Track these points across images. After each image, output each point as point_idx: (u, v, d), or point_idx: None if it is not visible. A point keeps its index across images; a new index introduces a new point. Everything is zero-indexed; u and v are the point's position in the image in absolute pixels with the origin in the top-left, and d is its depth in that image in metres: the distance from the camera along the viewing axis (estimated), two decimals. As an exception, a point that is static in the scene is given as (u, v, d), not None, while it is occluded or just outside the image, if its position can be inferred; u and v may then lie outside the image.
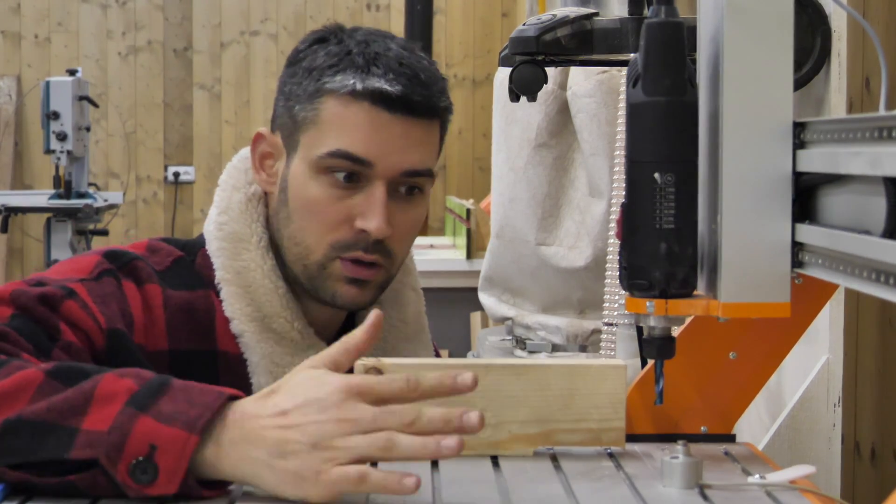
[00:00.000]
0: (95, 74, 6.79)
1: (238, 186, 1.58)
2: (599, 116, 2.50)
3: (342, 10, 6.92)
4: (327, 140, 1.49)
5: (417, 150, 1.50)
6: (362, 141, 1.48)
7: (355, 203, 1.49)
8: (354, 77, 1.48)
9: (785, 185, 1.27)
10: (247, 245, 1.54)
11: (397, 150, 1.49)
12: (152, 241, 1.58)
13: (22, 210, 5.76)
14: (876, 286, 1.11)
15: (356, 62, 1.49)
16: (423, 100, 1.49)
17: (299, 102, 1.52)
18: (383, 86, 1.47)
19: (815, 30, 1.75)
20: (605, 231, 2.52)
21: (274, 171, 1.56)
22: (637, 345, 1.43)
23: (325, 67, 1.51)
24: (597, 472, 1.31)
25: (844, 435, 1.86)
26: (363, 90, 1.48)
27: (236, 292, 1.52)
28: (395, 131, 1.48)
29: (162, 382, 1.20)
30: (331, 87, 1.49)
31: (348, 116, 1.48)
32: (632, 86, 1.31)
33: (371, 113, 1.48)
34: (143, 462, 1.14)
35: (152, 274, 1.52)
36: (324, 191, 1.49)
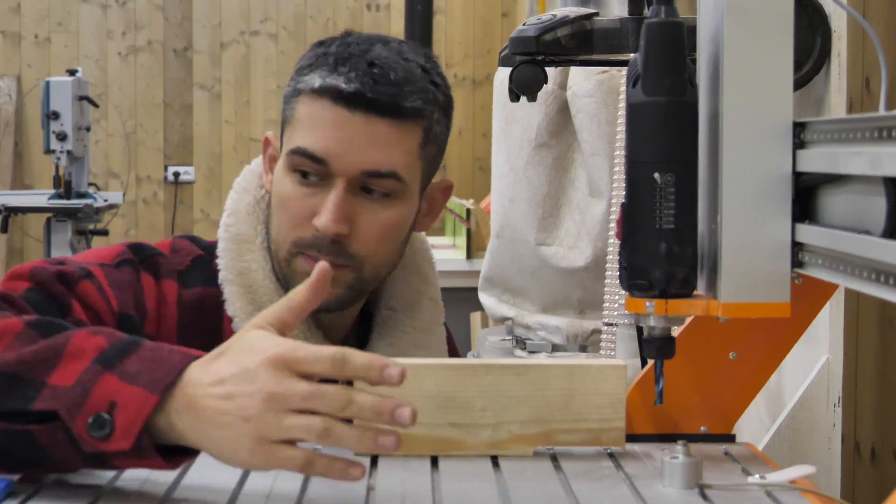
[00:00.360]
0: (95, 74, 6.79)
1: (249, 189, 1.61)
2: (599, 116, 2.50)
3: (342, 10, 6.92)
4: (295, 137, 1.51)
5: (379, 150, 1.49)
6: (321, 139, 1.49)
7: (317, 201, 1.50)
8: (321, 76, 1.50)
9: (785, 185, 1.27)
10: (250, 246, 1.56)
11: (356, 149, 1.48)
12: (176, 240, 1.61)
13: (22, 210, 5.77)
14: (876, 286, 1.11)
15: (327, 62, 1.51)
16: (383, 98, 1.48)
17: (286, 103, 1.55)
18: (339, 84, 1.48)
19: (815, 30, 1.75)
20: (605, 231, 2.52)
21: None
22: (637, 345, 1.44)
23: (304, 67, 1.54)
24: (597, 472, 1.31)
25: (844, 435, 1.86)
26: (320, 88, 1.49)
27: (238, 292, 1.54)
28: (355, 129, 1.48)
29: (133, 342, 1.20)
30: (300, 87, 1.52)
31: (313, 114, 1.50)
32: (632, 86, 1.31)
33: (332, 111, 1.49)
34: (100, 418, 1.15)
35: (171, 271, 1.54)
36: (292, 188, 1.52)
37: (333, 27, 6.85)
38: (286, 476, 1.26)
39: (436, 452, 1.35)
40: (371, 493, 1.22)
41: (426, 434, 1.34)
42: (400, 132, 1.50)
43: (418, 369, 1.34)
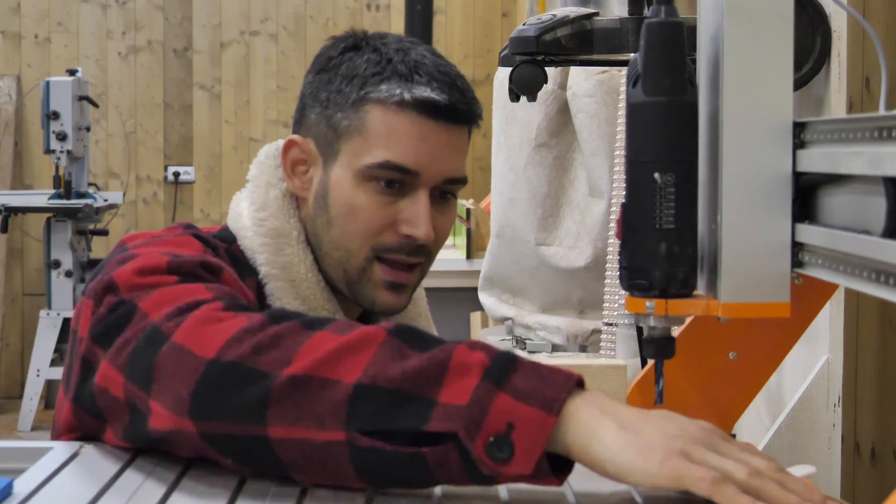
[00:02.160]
0: (95, 74, 6.79)
1: (272, 183, 1.59)
2: (599, 116, 2.50)
3: (342, 10, 6.92)
4: (374, 150, 1.51)
5: (457, 158, 1.55)
6: (410, 152, 1.50)
7: (400, 209, 1.52)
8: (400, 86, 1.51)
9: (785, 185, 1.27)
10: (288, 240, 1.56)
11: (441, 158, 1.52)
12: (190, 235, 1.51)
13: (22, 210, 5.77)
14: (876, 286, 1.11)
15: (399, 70, 1.52)
16: (464, 107, 1.53)
17: (341, 111, 1.53)
18: (431, 95, 1.50)
19: (815, 30, 1.75)
20: (605, 231, 2.52)
21: (308, 177, 1.57)
22: (637, 345, 1.43)
23: (369, 76, 1.52)
24: (597, 472, 1.31)
25: (844, 435, 1.86)
26: (411, 100, 1.50)
27: (283, 287, 1.54)
28: (440, 140, 1.52)
29: (511, 358, 1.14)
30: (376, 97, 1.51)
31: (395, 126, 1.51)
32: (632, 86, 1.31)
33: (418, 122, 1.51)
34: (501, 439, 1.09)
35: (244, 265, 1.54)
36: (369, 197, 1.52)
37: (333, 27, 6.85)
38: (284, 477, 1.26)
39: (436, 452, 1.34)
40: (371, 493, 1.22)
41: (426, 434, 1.34)
42: (465, 137, 1.57)
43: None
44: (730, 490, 1.05)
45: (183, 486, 1.24)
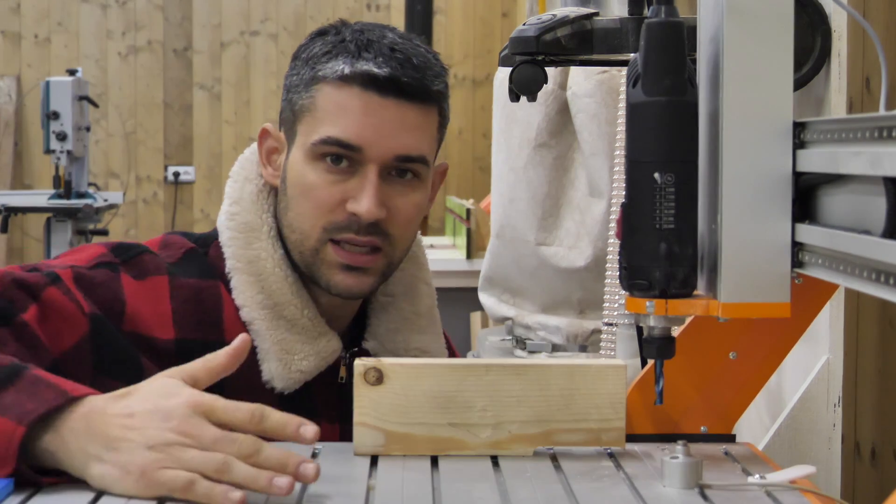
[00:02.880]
0: (95, 74, 6.79)
1: (250, 178, 1.60)
2: (599, 116, 2.50)
3: (342, 10, 6.92)
4: (321, 127, 1.51)
5: (410, 135, 1.51)
6: (354, 126, 1.50)
7: (349, 187, 1.51)
8: (345, 62, 1.51)
9: (785, 185, 1.27)
10: (258, 234, 1.56)
11: (389, 134, 1.50)
12: (168, 235, 1.61)
13: (22, 210, 5.77)
14: (876, 286, 1.11)
15: (349, 48, 1.52)
16: (413, 82, 1.51)
17: (297, 93, 1.55)
18: (372, 68, 1.49)
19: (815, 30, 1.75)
20: (605, 231, 2.52)
21: (279, 164, 1.58)
22: (637, 345, 1.43)
23: (320, 55, 1.53)
24: (597, 472, 1.31)
25: (844, 435, 1.86)
26: (352, 73, 1.50)
27: (247, 280, 1.54)
28: (387, 115, 1.50)
29: (14, 372, 1.23)
30: (323, 74, 1.52)
31: (340, 101, 1.51)
32: (632, 86, 1.31)
33: (362, 97, 1.50)
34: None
35: (160, 266, 1.54)
36: (318, 176, 1.52)
37: (333, 27, 6.85)
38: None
39: (436, 452, 1.35)
40: (371, 493, 1.22)
41: (426, 434, 1.34)
42: (425, 116, 1.53)
43: (418, 369, 1.35)
44: (201, 488, 1.14)
45: (183, 486, 1.23)
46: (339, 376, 1.58)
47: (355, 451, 1.35)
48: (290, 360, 1.52)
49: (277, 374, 1.52)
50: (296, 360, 1.52)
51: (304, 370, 1.53)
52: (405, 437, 1.34)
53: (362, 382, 1.33)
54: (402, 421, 1.34)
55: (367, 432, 1.34)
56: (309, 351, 1.53)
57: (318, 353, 1.54)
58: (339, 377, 1.58)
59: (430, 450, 1.35)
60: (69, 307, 1.44)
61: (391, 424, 1.34)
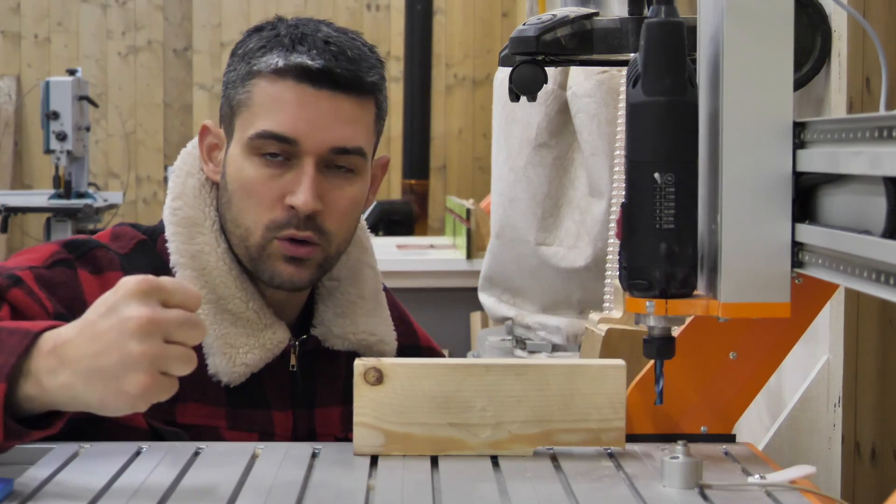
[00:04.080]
0: (95, 74, 6.79)
1: (192, 172, 1.61)
2: (599, 116, 2.50)
3: (342, 10, 6.92)
4: (256, 121, 1.52)
5: (346, 127, 1.52)
6: (288, 119, 1.50)
7: (286, 181, 1.51)
8: (279, 56, 1.51)
9: (785, 185, 1.27)
10: (200, 229, 1.56)
11: (324, 126, 1.51)
12: (116, 227, 1.61)
13: (22, 210, 5.77)
14: (876, 286, 1.11)
15: (283, 42, 1.52)
16: (347, 73, 1.51)
17: (234, 88, 1.56)
18: (305, 61, 1.50)
19: (815, 30, 1.75)
20: (605, 231, 2.52)
21: (219, 160, 1.59)
22: (637, 345, 1.43)
23: (255, 50, 1.54)
24: (597, 472, 1.31)
25: (844, 435, 1.86)
26: (285, 66, 1.50)
27: (191, 275, 1.54)
28: (322, 106, 1.50)
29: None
30: (258, 68, 1.53)
31: (275, 95, 1.51)
32: (632, 86, 1.31)
33: (296, 90, 1.50)
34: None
35: (114, 260, 1.54)
36: (256, 171, 1.52)
37: (333, 27, 6.85)
38: (285, 477, 1.27)
39: (436, 452, 1.35)
40: (371, 493, 1.22)
41: (426, 434, 1.34)
42: (361, 108, 1.53)
43: (418, 369, 1.35)
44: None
45: (183, 486, 1.24)
46: (290, 364, 1.58)
47: (355, 451, 1.35)
48: (235, 354, 1.52)
49: (222, 368, 1.52)
50: (240, 354, 1.52)
51: (249, 363, 1.53)
52: (405, 437, 1.34)
53: (362, 382, 1.33)
54: (402, 421, 1.34)
55: (367, 432, 1.34)
56: (254, 344, 1.53)
57: (263, 345, 1.54)
58: (290, 366, 1.58)
59: (430, 450, 1.35)
60: (34, 308, 1.44)
61: (391, 424, 1.34)
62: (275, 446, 1.38)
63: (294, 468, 1.30)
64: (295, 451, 1.36)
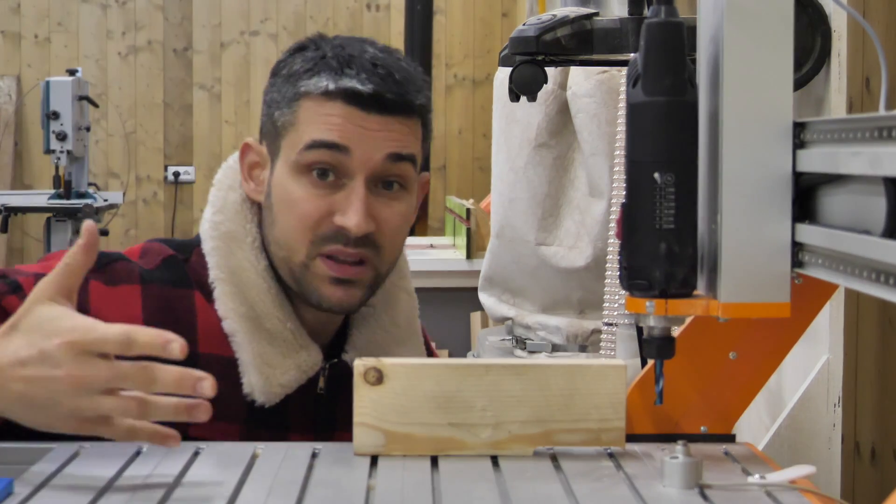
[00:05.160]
0: (95, 74, 6.79)
1: (234, 186, 1.59)
2: (599, 116, 2.50)
3: (342, 10, 6.92)
4: (304, 136, 1.50)
5: (397, 141, 1.51)
6: (337, 130, 1.49)
7: (335, 200, 1.50)
8: (328, 78, 1.50)
9: (785, 185, 1.27)
10: (241, 244, 1.55)
11: (375, 139, 1.50)
12: (148, 243, 1.60)
13: (22, 210, 5.77)
14: (876, 286, 1.11)
15: (331, 65, 1.51)
16: (396, 97, 1.50)
17: (279, 108, 1.54)
18: (355, 85, 1.49)
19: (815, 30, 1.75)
20: (605, 231, 2.52)
21: (261, 179, 1.57)
22: (637, 345, 1.44)
23: (302, 72, 1.53)
24: (597, 472, 1.31)
25: (844, 435, 1.86)
26: (336, 90, 1.49)
27: (230, 291, 1.53)
28: (371, 127, 1.50)
29: None
30: (306, 90, 1.51)
31: (322, 113, 1.50)
32: (632, 86, 1.30)
33: (346, 111, 1.49)
34: None
35: (133, 274, 1.53)
36: (304, 190, 1.50)
37: (333, 27, 6.85)
38: (285, 476, 1.27)
39: (436, 452, 1.35)
40: (371, 493, 1.22)
41: (426, 434, 1.34)
42: (409, 129, 1.52)
43: (418, 369, 1.35)
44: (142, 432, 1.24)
45: (183, 486, 1.24)
46: (317, 387, 1.57)
47: (355, 451, 1.35)
48: (272, 374, 1.50)
49: (258, 388, 1.51)
50: (277, 374, 1.51)
51: (285, 384, 1.52)
52: (405, 437, 1.34)
53: (362, 382, 1.33)
54: (402, 421, 1.34)
55: (367, 432, 1.34)
56: (290, 365, 1.52)
57: (299, 366, 1.53)
58: (317, 388, 1.57)
59: (430, 450, 1.35)
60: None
61: (391, 424, 1.34)
62: (275, 446, 1.38)
63: (294, 468, 1.30)
64: (295, 451, 1.36)
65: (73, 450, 1.36)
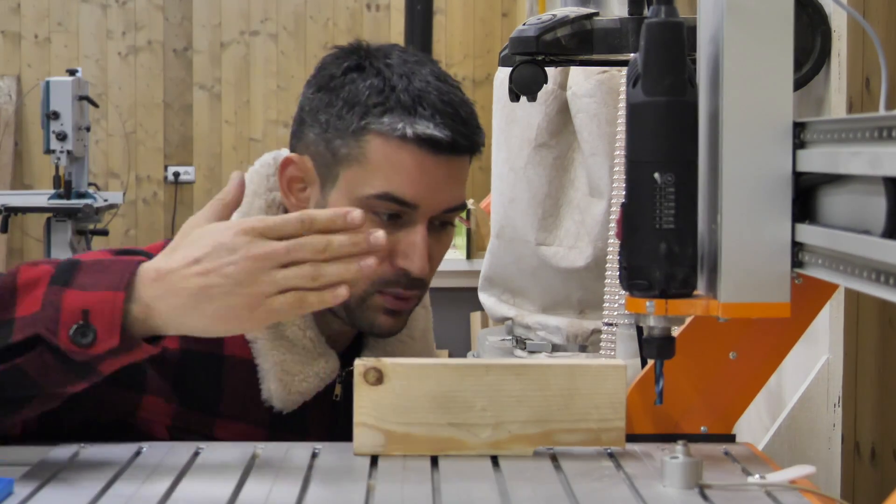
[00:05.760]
0: (95, 74, 6.79)
1: (259, 192, 1.59)
2: (599, 116, 2.50)
3: (342, 10, 6.92)
4: (374, 181, 1.49)
5: (457, 188, 1.54)
6: (410, 185, 1.49)
7: (397, 240, 1.51)
8: (402, 120, 1.49)
9: (785, 185, 1.27)
10: None
11: (441, 190, 1.51)
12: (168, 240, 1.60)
13: (22, 210, 5.76)
14: (876, 286, 1.11)
15: (402, 101, 1.49)
16: (467, 141, 1.52)
17: (341, 137, 1.51)
18: (433, 132, 1.48)
19: (815, 30, 1.75)
20: (605, 231, 2.52)
21: (305, 195, 1.56)
22: (637, 345, 1.43)
23: (371, 105, 1.50)
24: (597, 472, 1.31)
25: (844, 435, 1.86)
26: (413, 136, 1.48)
27: None
28: (440, 173, 1.51)
29: (74, 262, 1.28)
30: (377, 128, 1.49)
31: (396, 159, 1.49)
32: (632, 86, 1.31)
33: (418, 157, 1.49)
34: (82, 326, 1.23)
35: None
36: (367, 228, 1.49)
37: (333, 27, 6.85)
38: (284, 478, 1.27)
39: (436, 452, 1.35)
40: (371, 493, 1.22)
41: (426, 434, 1.34)
42: (467, 165, 1.56)
43: (418, 369, 1.35)
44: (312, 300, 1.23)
45: (183, 486, 1.24)
46: (333, 394, 1.58)
47: (355, 451, 1.35)
48: (291, 382, 1.51)
49: (277, 395, 1.51)
50: (296, 382, 1.52)
51: (303, 391, 1.53)
52: (405, 437, 1.34)
53: (362, 382, 1.33)
54: (402, 421, 1.34)
55: (367, 432, 1.34)
56: (308, 372, 1.53)
57: (318, 374, 1.54)
58: (333, 395, 1.58)
59: (430, 450, 1.35)
60: None
61: (391, 424, 1.34)
62: (275, 446, 1.38)
63: (294, 468, 1.30)
64: (295, 451, 1.36)
65: (73, 450, 1.36)
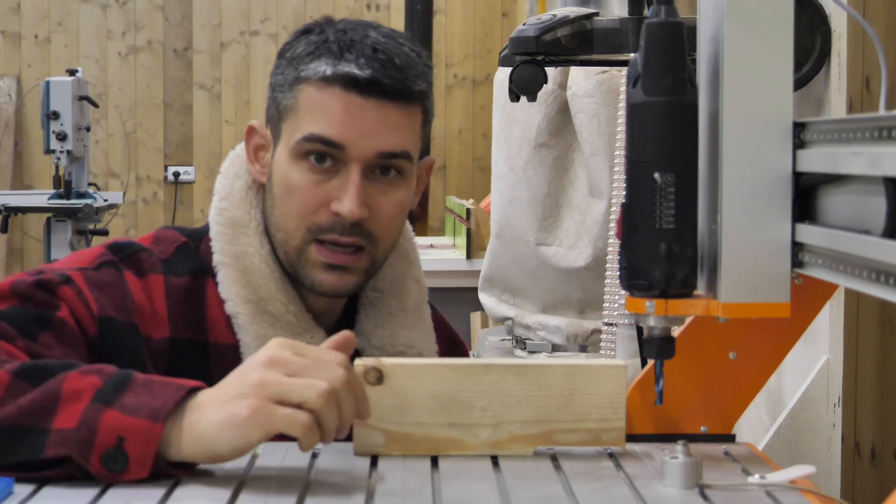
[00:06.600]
0: (95, 74, 6.79)
1: (239, 174, 1.61)
2: (599, 116, 2.50)
3: (342, 9, 6.91)
4: (303, 125, 1.51)
5: (393, 133, 1.51)
6: (335, 124, 1.50)
7: (332, 187, 1.51)
8: (327, 63, 1.51)
9: (785, 185, 1.27)
10: (245, 230, 1.57)
11: (371, 133, 1.50)
12: (160, 230, 1.63)
13: (22, 210, 5.76)
14: (876, 286, 1.11)
15: (331, 49, 1.52)
16: (394, 83, 1.50)
17: (281, 91, 1.55)
18: (353, 70, 1.49)
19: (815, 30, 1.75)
20: (605, 231, 2.52)
21: (265, 161, 1.59)
22: (637, 345, 1.44)
23: (304, 56, 1.54)
24: (597, 472, 1.31)
25: (844, 435, 1.87)
26: (333, 75, 1.50)
27: (233, 275, 1.54)
28: (369, 115, 1.50)
29: (125, 377, 1.25)
30: (306, 75, 1.52)
31: (322, 101, 1.51)
32: (632, 86, 1.31)
33: (343, 98, 1.50)
34: (114, 452, 1.20)
35: (156, 264, 1.55)
36: (302, 175, 1.52)
37: (333, 27, 6.85)
38: (285, 478, 1.27)
39: (436, 452, 1.35)
40: (371, 493, 1.22)
41: (426, 434, 1.34)
42: (408, 115, 1.53)
43: (418, 369, 1.35)
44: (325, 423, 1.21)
45: (183, 486, 1.24)
46: None
47: (355, 451, 1.35)
48: None
49: None
50: None
51: None
52: (405, 437, 1.34)
53: (362, 382, 1.33)
54: (402, 421, 1.34)
55: (367, 432, 1.34)
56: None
57: None
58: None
59: (430, 450, 1.35)
60: (80, 309, 1.45)
61: (391, 424, 1.34)
62: (275, 446, 1.38)
63: (294, 468, 1.30)
64: (295, 451, 1.36)
65: (73, 450, 1.36)
